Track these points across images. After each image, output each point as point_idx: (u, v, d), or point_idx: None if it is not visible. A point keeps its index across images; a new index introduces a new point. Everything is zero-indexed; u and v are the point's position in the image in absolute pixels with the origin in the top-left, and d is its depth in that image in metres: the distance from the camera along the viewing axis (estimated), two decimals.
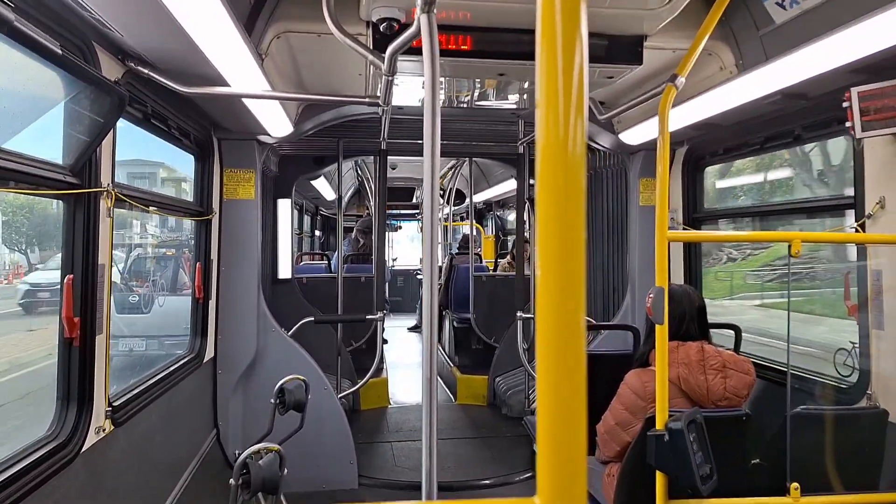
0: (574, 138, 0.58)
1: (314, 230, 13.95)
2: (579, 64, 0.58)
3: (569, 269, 0.59)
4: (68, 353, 2.62)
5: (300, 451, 3.72)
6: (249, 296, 4.66)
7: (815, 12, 2.89)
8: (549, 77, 0.58)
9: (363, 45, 2.74)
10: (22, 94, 2.52)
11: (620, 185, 5.61)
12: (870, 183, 3.03)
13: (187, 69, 2.98)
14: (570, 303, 0.59)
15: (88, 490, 2.68)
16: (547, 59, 0.58)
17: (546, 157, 0.59)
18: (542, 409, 0.60)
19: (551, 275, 0.59)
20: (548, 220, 0.59)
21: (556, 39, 0.58)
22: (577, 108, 0.58)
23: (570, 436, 0.60)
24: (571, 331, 0.60)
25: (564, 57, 0.58)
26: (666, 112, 2.39)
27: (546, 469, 0.60)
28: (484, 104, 4.69)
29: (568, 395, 0.60)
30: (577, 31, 0.58)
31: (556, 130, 0.58)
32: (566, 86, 0.58)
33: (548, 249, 0.60)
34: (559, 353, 0.60)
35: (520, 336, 6.08)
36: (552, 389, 0.60)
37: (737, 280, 8.10)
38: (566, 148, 0.59)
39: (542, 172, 0.60)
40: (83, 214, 2.64)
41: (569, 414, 0.60)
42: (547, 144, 0.59)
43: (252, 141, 4.64)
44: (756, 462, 2.76)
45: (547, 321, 0.60)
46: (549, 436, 0.60)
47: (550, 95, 0.58)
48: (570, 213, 0.59)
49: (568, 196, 0.60)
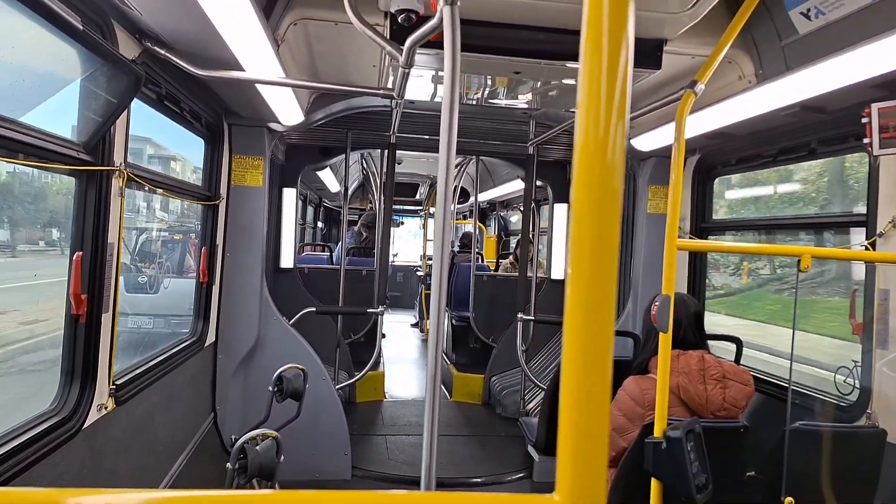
0: (614, 141, 0.58)
1: (317, 221, 13.95)
2: (623, 66, 0.57)
3: (601, 273, 0.59)
4: (74, 330, 2.63)
5: (295, 439, 3.73)
6: (252, 282, 4.67)
7: (839, 24, 2.87)
8: (591, 78, 0.58)
9: (381, 35, 2.73)
10: (39, 69, 2.51)
11: (628, 190, 5.59)
12: (883, 201, 3.01)
13: (203, 52, 2.97)
14: (600, 305, 0.59)
15: (88, 466, 2.69)
16: (591, 59, 0.57)
17: (584, 158, 0.59)
18: (567, 407, 0.60)
19: (583, 278, 0.59)
20: (582, 222, 0.59)
21: (601, 40, 0.57)
22: (618, 111, 0.57)
23: (593, 436, 0.59)
24: (600, 333, 0.59)
25: (609, 58, 0.57)
26: (683, 119, 2.38)
27: (568, 467, 0.59)
28: (494, 102, 4.67)
29: (594, 396, 0.59)
30: (623, 33, 0.57)
31: (597, 132, 0.58)
32: (609, 88, 0.57)
33: (580, 252, 0.59)
34: (586, 355, 0.60)
35: (519, 337, 6.07)
36: (577, 389, 0.60)
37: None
38: (605, 151, 0.58)
39: (579, 174, 0.59)
40: (95, 192, 2.64)
41: (593, 414, 0.59)
42: (586, 145, 0.58)
43: (262, 128, 4.64)
44: (752, 475, 2.76)
45: (576, 323, 0.59)
46: (572, 434, 0.59)
47: (592, 96, 0.58)
48: (605, 217, 0.59)
49: (603, 200, 0.59)
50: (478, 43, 2.97)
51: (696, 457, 2.34)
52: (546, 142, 5.84)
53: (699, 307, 3.09)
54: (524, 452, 5.33)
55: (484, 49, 2.99)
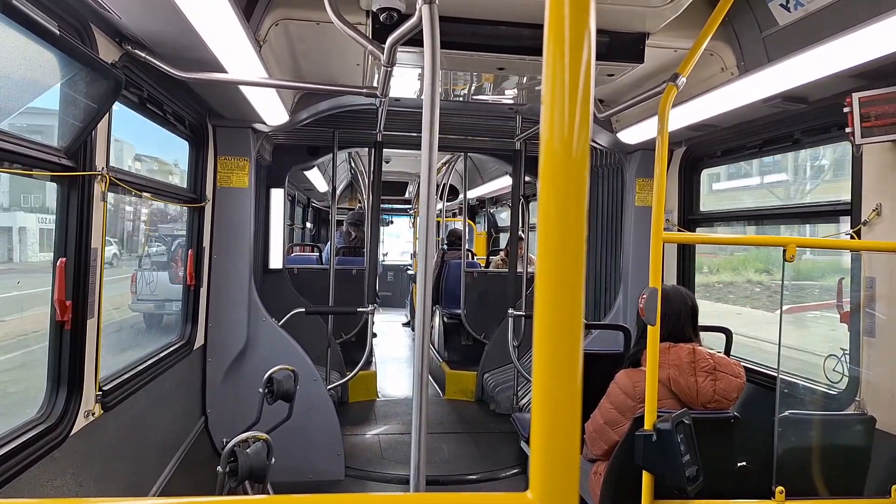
0: (578, 135, 0.57)
1: (306, 221, 13.92)
2: (586, 60, 0.57)
3: (568, 267, 0.59)
4: (59, 336, 2.61)
5: (287, 440, 3.72)
6: (241, 284, 4.65)
7: (819, 15, 2.88)
8: (555, 73, 0.57)
9: (363, 34, 2.72)
10: (17, 75, 2.49)
11: (616, 184, 5.60)
12: (867, 190, 3.03)
13: (184, 54, 2.95)
14: (568, 301, 0.59)
15: (77, 473, 2.67)
16: (554, 54, 0.57)
17: (549, 153, 0.59)
18: (538, 405, 0.60)
19: (550, 273, 0.59)
20: (549, 217, 0.59)
21: (563, 34, 0.57)
22: (582, 105, 0.57)
23: (564, 433, 0.59)
24: (569, 329, 0.59)
25: (572, 53, 0.57)
26: (666, 112, 2.39)
27: (539, 465, 0.59)
28: (481, 98, 4.67)
29: (563, 393, 0.59)
30: (585, 28, 0.57)
31: (561, 127, 0.58)
32: (572, 82, 0.57)
33: (548, 247, 0.59)
34: (556, 351, 0.59)
35: (510, 333, 6.08)
36: (547, 386, 0.59)
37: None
38: (570, 145, 0.58)
39: (545, 169, 0.59)
40: (77, 197, 2.62)
41: (563, 411, 0.59)
42: (550, 140, 0.58)
43: (247, 129, 4.62)
44: (743, 465, 2.77)
45: (544, 319, 0.59)
46: (543, 432, 0.59)
47: (556, 91, 0.57)
48: (571, 212, 0.58)
49: (569, 194, 0.59)
50: (460, 40, 2.96)
51: (686, 448, 2.34)
52: (533, 137, 5.84)
53: (695, 301, 3.10)
54: (518, 448, 5.33)
55: (467, 46, 2.99)
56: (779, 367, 2.82)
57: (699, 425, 2.43)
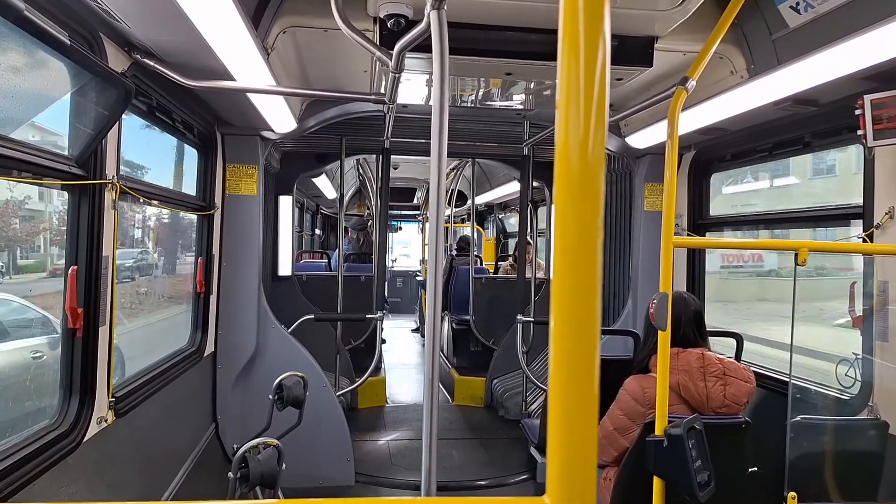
0: (593, 141, 0.57)
1: (314, 228, 13.94)
2: (601, 65, 0.56)
3: (584, 273, 0.58)
4: (71, 344, 2.63)
5: (297, 446, 3.72)
6: (250, 292, 4.66)
7: (829, 17, 2.87)
8: (569, 78, 0.57)
9: (370, 41, 2.72)
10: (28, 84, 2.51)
11: (625, 189, 5.59)
12: (879, 192, 3.01)
13: (193, 62, 2.96)
14: (584, 307, 0.59)
15: (90, 479, 2.68)
16: (568, 59, 0.57)
17: (564, 158, 0.58)
18: (554, 410, 0.59)
19: (567, 279, 0.58)
20: (565, 223, 0.58)
21: (578, 40, 0.57)
22: (597, 110, 0.57)
23: (581, 438, 0.59)
24: (585, 335, 0.59)
25: (587, 58, 0.56)
26: (676, 116, 2.38)
27: (556, 470, 0.59)
28: (489, 104, 4.67)
29: (580, 398, 0.59)
30: (599, 33, 0.57)
31: (577, 132, 0.57)
32: (587, 87, 0.57)
33: (564, 252, 0.59)
34: (573, 356, 0.59)
35: (519, 339, 6.06)
36: (564, 391, 0.59)
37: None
38: (586, 150, 0.57)
39: (560, 175, 0.59)
40: (88, 206, 2.64)
41: (581, 416, 0.59)
42: (565, 146, 0.58)
43: (255, 137, 4.63)
44: (754, 470, 2.75)
45: (561, 325, 0.59)
46: (560, 437, 0.59)
47: (571, 96, 0.57)
48: (587, 217, 0.58)
49: (585, 199, 0.58)
50: (468, 45, 2.96)
51: (697, 454, 2.33)
52: (541, 142, 5.83)
53: (699, 305, 3.08)
54: (527, 454, 5.31)
55: (475, 51, 2.99)
56: (790, 371, 2.80)
57: (710, 431, 2.41)
